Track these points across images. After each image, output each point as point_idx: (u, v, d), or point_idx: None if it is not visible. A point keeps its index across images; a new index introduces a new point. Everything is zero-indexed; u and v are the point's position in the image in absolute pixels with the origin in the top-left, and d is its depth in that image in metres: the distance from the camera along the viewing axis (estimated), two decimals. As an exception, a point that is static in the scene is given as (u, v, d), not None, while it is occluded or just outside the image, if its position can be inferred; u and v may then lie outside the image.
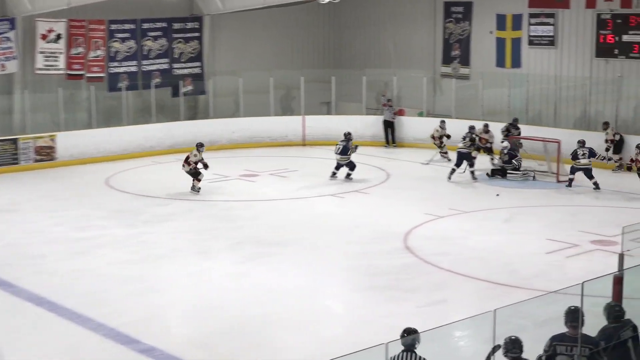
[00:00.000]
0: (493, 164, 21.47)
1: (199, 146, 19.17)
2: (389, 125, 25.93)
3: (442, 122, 23.71)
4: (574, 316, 7.68)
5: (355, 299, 12.25)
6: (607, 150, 21.17)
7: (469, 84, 26.58)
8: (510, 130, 22.44)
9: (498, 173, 20.62)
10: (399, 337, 7.63)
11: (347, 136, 20.87)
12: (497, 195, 15.52)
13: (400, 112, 26.73)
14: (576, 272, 12.84)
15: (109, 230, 15.79)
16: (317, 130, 26.33)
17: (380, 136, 26.07)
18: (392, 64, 28.75)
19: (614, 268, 10.73)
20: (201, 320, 11.31)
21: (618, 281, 8.83)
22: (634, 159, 19.57)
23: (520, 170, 20.55)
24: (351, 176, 20.36)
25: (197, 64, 27.15)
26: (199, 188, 18.92)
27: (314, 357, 9.87)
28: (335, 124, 26.06)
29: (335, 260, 13.97)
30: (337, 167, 20.55)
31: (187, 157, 19.07)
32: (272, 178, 21.14)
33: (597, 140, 21.38)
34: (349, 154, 20.43)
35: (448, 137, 23.19)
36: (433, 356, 7.96)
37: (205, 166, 18.94)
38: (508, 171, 20.56)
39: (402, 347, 7.45)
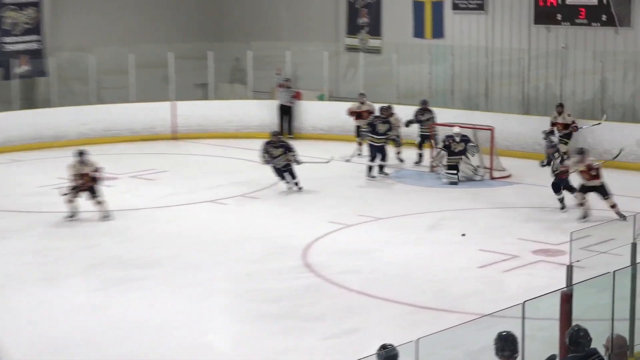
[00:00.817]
0: (399, 159, 21.82)
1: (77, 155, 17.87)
2: (285, 112, 26.02)
3: (361, 94, 23.81)
4: (505, 344, 7.79)
5: (244, 331, 12.22)
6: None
7: (381, 58, 26.87)
8: (417, 117, 22.68)
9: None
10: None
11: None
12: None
13: (296, 96, 26.82)
14: (516, 290, 13.09)
15: None
16: (191, 120, 26.22)
17: (271, 125, 26.10)
18: (285, 36, 28.83)
19: (561, 283, 11.00)
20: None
21: (567, 299, 9.04)
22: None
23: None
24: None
25: (35, 37, 26.69)
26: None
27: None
28: (215, 112, 26.04)
29: (217, 284, 13.91)
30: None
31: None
32: (134, 182, 20.93)
33: (541, 126, 21.91)
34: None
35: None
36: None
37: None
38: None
39: None
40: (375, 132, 20.81)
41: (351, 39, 27.82)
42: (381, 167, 20.84)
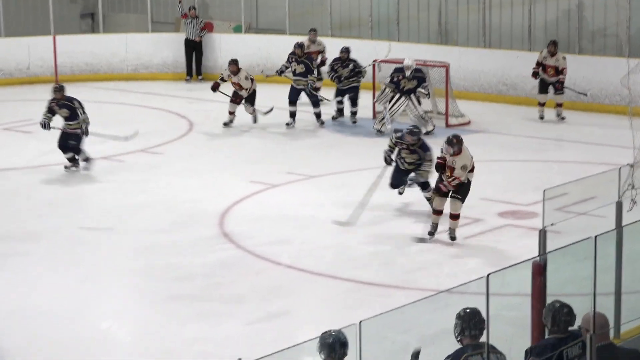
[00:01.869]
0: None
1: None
2: (192, 47, 25.88)
3: (312, 31, 23.53)
4: (473, 322, 7.93)
5: (149, 317, 12.26)
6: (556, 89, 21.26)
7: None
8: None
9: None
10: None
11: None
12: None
13: (206, 27, 26.71)
14: (476, 261, 13.29)
15: None
16: (75, 58, 26.01)
17: (176, 64, 26.03)
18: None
19: (533, 252, 11.17)
20: None
21: (539, 270, 9.18)
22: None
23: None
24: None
25: None
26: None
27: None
28: (105, 48, 25.86)
29: (113, 260, 13.90)
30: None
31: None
32: (7, 135, 20.78)
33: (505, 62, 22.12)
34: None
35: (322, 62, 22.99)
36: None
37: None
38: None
39: None
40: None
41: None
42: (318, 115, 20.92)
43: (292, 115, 20.85)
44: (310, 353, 8.85)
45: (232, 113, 20.92)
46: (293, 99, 20.86)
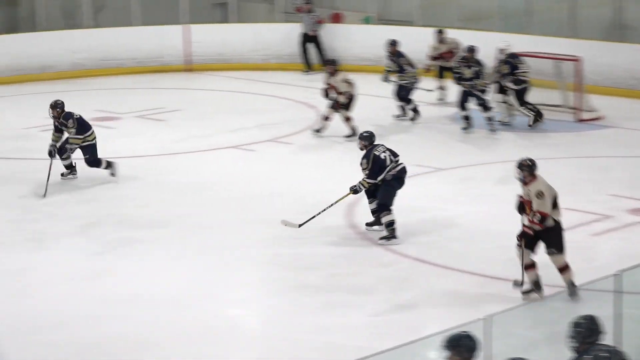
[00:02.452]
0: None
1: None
2: (309, 40, 25.95)
3: (439, 32, 22.79)
4: (589, 331, 7.75)
5: (276, 307, 12.32)
6: None
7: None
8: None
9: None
10: None
11: None
12: None
13: (336, 18, 26.76)
14: (608, 257, 13.11)
15: None
16: (208, 47, 26.27)
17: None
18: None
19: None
20: (33, 346, 11.27)
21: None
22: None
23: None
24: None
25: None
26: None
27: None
28: (236, 37, 26.08)
29: (240, 248, 14.00)
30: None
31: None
32: (140, 123, 21.04)
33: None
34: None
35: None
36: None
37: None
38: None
39: None
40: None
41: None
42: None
43: (466, 118, 20.06)
44: (436, 347, 8.83)
45: (326, 119, 19.62)
46: (463, 103, 20.07)
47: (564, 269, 11.74)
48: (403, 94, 20.49)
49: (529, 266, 11.81)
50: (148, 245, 14.11)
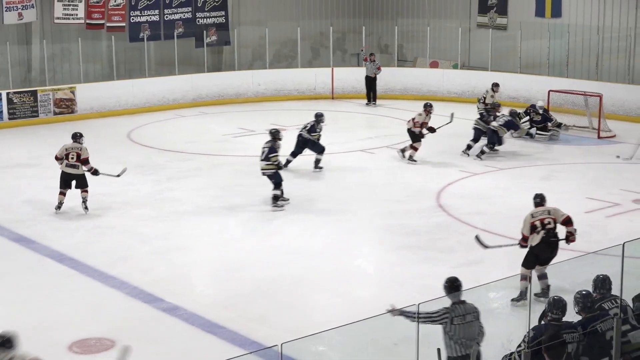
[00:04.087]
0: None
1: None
2: (370, 82, 25.11)
3: (496, 85, 21.16)
4: (589, 300, 7.62)
5: (388, 259, 12.36)
6: None
7: (506, 34, 26.37)
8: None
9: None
10: (440, 295, 7.75)
11: (275, 135, 15.13)
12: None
13: (434, 64, 26.60)
14: (617, 233, 12.85)
15: (131, 186, 15.93)
16: (346, 83, 26.28)
17: (407, 90, 25.95)
18: (426, 14, 28.55)
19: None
20: (227, 280, 11.46)
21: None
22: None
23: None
24: (279, 201, 14.67)
25: (221, 13, 27.08)
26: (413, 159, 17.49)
27: (346, 317, 9.98)
28: (362, 76, 25.99)
29: (365, 219, 14.05)
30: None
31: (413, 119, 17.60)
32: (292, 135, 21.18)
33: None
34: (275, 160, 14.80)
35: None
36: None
37: (431, 130, 17.61)
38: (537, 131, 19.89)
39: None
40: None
41: (482, 17, 27.35)
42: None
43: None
44: (496, 290, 8.77)
45: (414, 148, 17.90)
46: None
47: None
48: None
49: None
50: (303, 216, 14.21)
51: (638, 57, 23.33)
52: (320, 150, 17.08)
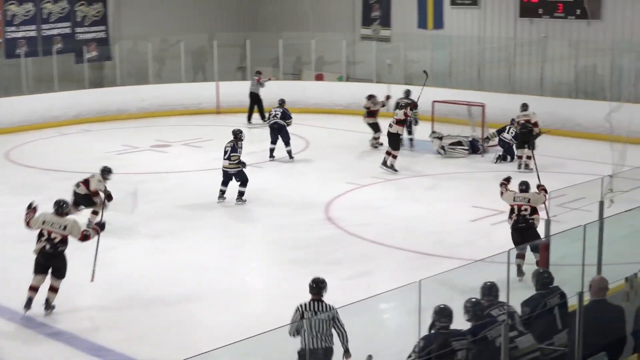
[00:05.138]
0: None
1: (105, 172, 14.10)
2: (255, 99, 24.43)
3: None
4: (491, 290, 7.86)
5: (277, 273, 12.31)
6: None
7: (390, 46, 26.75)
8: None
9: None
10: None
11: (237, 135, 15.96)
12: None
13: (319, 77, 26.76)
14: (502, 240, 13.10)
15: (12, 207, 15.44)
16: (231, 97, 26.16)
17: (296, 101, 26.01)
18: (310, 26, 28.72)
19: (541, 234, 11.01)
20: (112, 300, 11.21)
21: (545, 248, 9.08)
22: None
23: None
24: (243, 197, 15.50)
25: (102, 27, 26.67)
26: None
27: (236, 334, 9.88)
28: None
29: (253, 234, 14.00)
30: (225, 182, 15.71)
31: (87, 180, 14.09)
32: (185, 148, 20.97)
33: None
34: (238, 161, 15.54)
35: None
36: (358, 329, 8.07)
37: (109, 197, 13.65)
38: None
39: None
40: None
41: (365, 29, 27.69)
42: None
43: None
44: (386, 301, 8.81)
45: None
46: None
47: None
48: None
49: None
50: (191, 233, 14.05)
51: (518, 67, 23.98)
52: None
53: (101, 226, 11.37)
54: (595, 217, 9.71)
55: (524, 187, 11.97)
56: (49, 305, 10.71)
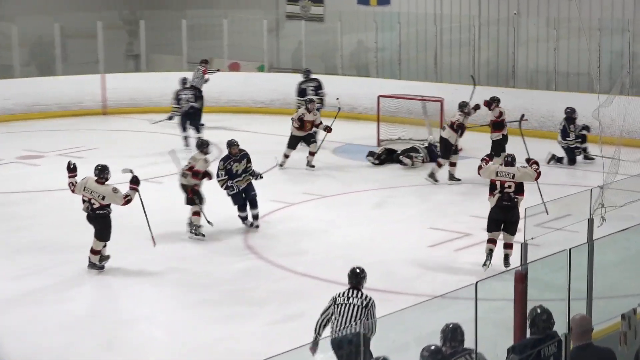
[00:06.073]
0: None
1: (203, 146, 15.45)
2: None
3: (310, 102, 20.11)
4: (453, 335, 7.88)
5: (183, 319, 12.19)
6: None
7: (324, 27, 26.84)
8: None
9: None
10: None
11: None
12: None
13: (234, 67, 26.70)
14: (468, 269, 13.19)
15: None
16: (122, 93, 26.01)
17: (209, 99, 25.97)
18: (221, 3, 28.69)
19: (515, 262, 11.09)
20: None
21: (521, 278, 9.10)
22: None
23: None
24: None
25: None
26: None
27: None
28: (147, 84, 25.83)
29: (150, 268, 13.83)
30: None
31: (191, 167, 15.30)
32: (63, 160, 20.71)
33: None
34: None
35: None
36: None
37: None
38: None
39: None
40: None
41: (292, 5, 27.75)
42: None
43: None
44: (323, 350, 8.79)
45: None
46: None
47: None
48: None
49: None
50: (69, 268, 13.82)
51: (484, 52, 24.20)
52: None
53: (137, 182, 13.85)
54: (583, 239, 9.79)
55: (510, 159, 13.13)
56: (90, 264, 13.55)
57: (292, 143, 19.52)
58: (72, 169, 13.98)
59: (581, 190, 11.80)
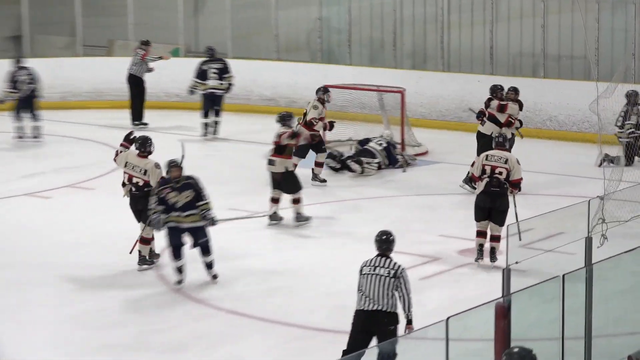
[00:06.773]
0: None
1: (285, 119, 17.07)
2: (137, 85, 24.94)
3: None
4: None
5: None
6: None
7: (256, 2, 26.89)
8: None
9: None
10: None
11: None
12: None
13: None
14: (437, 302, 13.24)
15: None
16: None
17: (109, 91, 25.90)
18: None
19: (496, 292, 11.13)
20: None
21: (503, 312, 9.14)
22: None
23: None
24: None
25: None
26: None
27: None
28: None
29: (36, 305, 13.76)
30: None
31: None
32: None
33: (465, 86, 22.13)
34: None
35: None
36: None
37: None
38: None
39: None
40: None
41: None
42: None
43: None
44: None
45: None
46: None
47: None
48: None
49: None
50: None
51: (454, 30, 24.28)
52: None
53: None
54: (580, 263, 9.86)
55: (501, 139, 14.20)
56: (140, 259, 14.73)
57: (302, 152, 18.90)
58: (129, 140, 15.18)
59: (576, 203, 11.90)
